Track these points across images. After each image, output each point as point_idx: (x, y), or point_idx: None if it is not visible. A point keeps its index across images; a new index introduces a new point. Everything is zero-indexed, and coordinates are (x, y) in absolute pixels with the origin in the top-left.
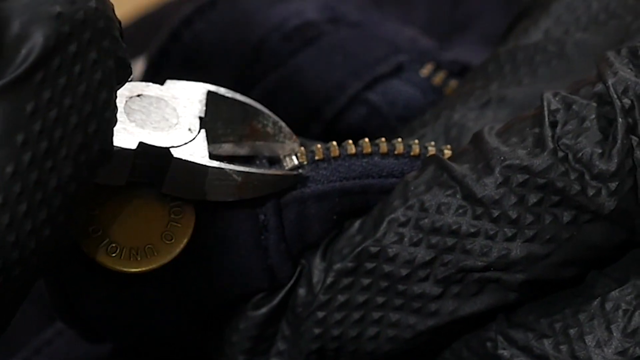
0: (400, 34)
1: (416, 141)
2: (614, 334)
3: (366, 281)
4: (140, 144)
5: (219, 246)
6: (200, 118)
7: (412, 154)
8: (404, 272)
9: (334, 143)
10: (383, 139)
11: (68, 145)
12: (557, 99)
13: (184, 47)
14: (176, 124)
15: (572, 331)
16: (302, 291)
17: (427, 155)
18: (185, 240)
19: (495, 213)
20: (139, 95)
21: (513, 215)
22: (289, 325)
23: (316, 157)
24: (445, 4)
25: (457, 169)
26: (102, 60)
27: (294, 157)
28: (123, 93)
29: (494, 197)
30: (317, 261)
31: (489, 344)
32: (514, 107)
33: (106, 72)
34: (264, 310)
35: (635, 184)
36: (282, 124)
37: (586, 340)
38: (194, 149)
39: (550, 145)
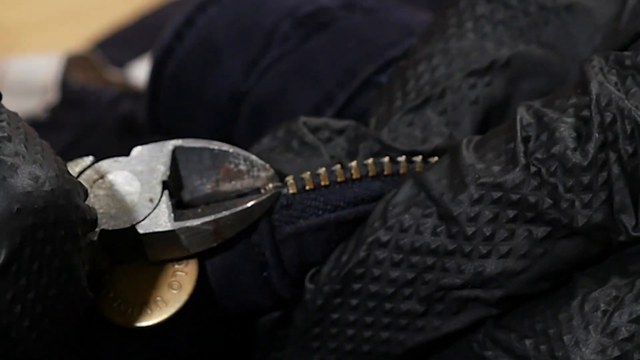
0: (414, 17)
1: (403, 157)
2: (592, 334)
3: (354, 301)
4: (102, 231)
5: (225, 287)
6: (163, 182)
7: (400, 172)
8: (389, 290)
9: (323, 170)
10: (370, 160)
11: (51, 312)
12: (529, 112)
13: (197, 32)
14: (138, 198)
15: (551, 331)
16: (297, 312)
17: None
18: (191, 287)
19: (470, 230)
20: (102, 177)
21: (487, 232)
22: (291, 341)
23: (306, 187)
24: None
25: (434, 186)
26: (69, 233)
27: (270, 185)
28: (90, 175)
29: (468, 215)
30: (307, 283)
31: (475, 345)
32: (515, 72)
33: (74, 241)
34: (267, 325)
35: (610, 196)
36: (253, 157)
37: (565, 340)
38: (158, 218)
39: (523, 161)
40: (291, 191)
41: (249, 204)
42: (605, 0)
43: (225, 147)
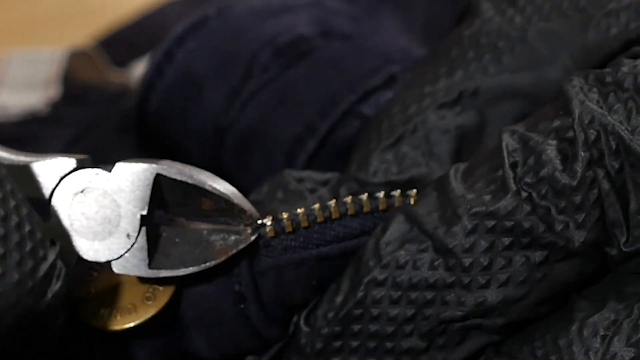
0: (392, 44)
1: (382, 193)
2: None
3: (355, 343)
4: (79, 258)
5: (202, 315)
6: (142, 216)
7: (380, 208)
8: (389, 329)
9: (301, 210)
10: (349, 198)
11: None
12: (514, 137)
13: (177, 66)
14: (117, 228)
15: (552, 358)
16: (293, 357)
17: (395, 206)
18: (164, 301)
19: (467, 262)
20: (82, 191)
21: (484, 262)
22: None
23: (286, 230)
24: (445, 4)
25: (426, 220)
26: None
27: (248, 230)
28: (70, 187)
29: (464, 246)
30: (302, 325)
31: None
32: (485, 99)
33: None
34: None
35: (602, 213)
36: (234, 200)
37: None
38: (134, 259)
39: (513, 187)
40: (269, 235)
41: (224, 257)
42: (567, 20)
43: (207, 185)
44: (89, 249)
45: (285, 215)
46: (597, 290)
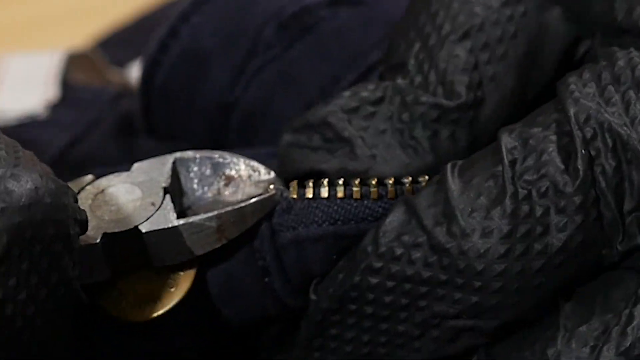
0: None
1: (409, 177)
2: None
3: (351, 320)
4: (104, 234)
5: (227, 292)
6: (164, 188)
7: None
8: (384, 313)
9: (326, 181)
10: (375, 180)
11: (43, 313)
12: (513, 135)
13: (182, 42)
14: (140, 203)
15: None
16: (303, 322)
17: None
18: (187, 286)
19: (462, 264)
20: (103, 191)
21: (479, 267)
22: (297, 348)
23: (307, 195)
24: None
25: (425, 215)
26: (59, 233)
27: (271, 176)
28: (90, 191)
29: (460, 248)
30: (311, 294)
31: None
32: None
33: (64, 240)
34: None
35: (600, 214)
36: (254, 162)
37: None
38: (160, 218)
39: (511, 188)
40: (292, 196)
41: (252, 201)
42: None
43: (226, 154)
44: (115, 224)
45: (310, 182)
46: (584, 294)
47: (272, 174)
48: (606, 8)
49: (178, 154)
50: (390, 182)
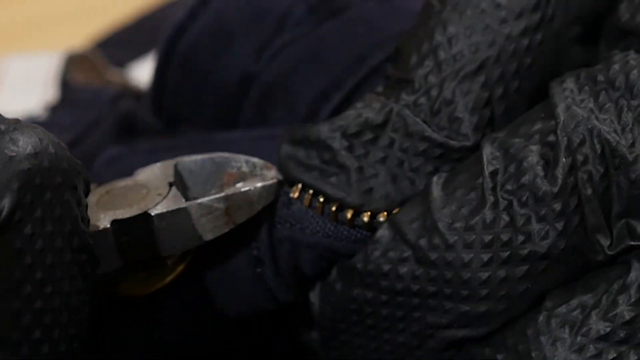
0: None
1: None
2: (560, 351)
3: (357, 329)
4: (114, 221)
5: (221, 277)
6: (170, 183)
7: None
8: (384, 325)
9: (321, 200)
10: (367, 215)
11: (60, 264)
12: (494, 145)
13: (211, 13)
14: (148, 194)
15: (520, 347)
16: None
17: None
18: (183, 265)
19: (448, 275)
20: (108, 192)
21: (465, 276)
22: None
23: (305, 203)
24: None
25: (407, 229)
26: (66, 181)
27: (272, 172)
28: (96, 192)
29: (445, 259)
30: (311, 298)
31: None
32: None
33: (71, 190)
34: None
35: (583, 219)
36: (254, 159)
37: (533, 356)
38: (169, 203)
39: (491, 198)
40: (293, 195)
41: (258, 185)
42: None
43: (225, 154)
44: (124, 212)
45: (310, 191)
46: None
47: (274, 170)
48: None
49: (179, 159)
50: (383, 218)
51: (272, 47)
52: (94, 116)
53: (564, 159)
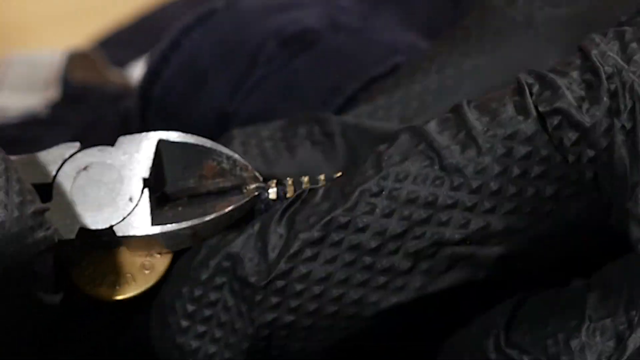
0: (400, 39)
1: None
2: None
3: (330, 254)
4: (80, 230)
5: None
6: (144, 180)
7: None
8: (373, 243)
9: (306, 178)
10: None
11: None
12: (531, 75)
13: (182, 55)
14: (118, 195)
15: (564, 358)
16: (253, 258)
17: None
18: (163, 270)
19: (475, 184)
20: (86, 168)
21: (494, 186)
22: (235, 294)
23: (287, 195)
24: (445, 4)
25: (436, 138)
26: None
27: (252, 185)
28: (74, 166)
29: (476, 167)
30: (273, 227)
31: None
32: (479, 78)
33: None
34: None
35: (612, 159)
36: (236, 156)
37: None
38: (136, 220)
39: (534, 112)
40: (271, 197)
41: (228, 209)
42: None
43: (208, 143)
44: (92, 219)
45: (289, 181)
46: (608, 284)
47: (253, 171)
48: None
49: (163, 134)
50: None
51: (246, 84)
52: (95, 114)
53: (605, 99)
